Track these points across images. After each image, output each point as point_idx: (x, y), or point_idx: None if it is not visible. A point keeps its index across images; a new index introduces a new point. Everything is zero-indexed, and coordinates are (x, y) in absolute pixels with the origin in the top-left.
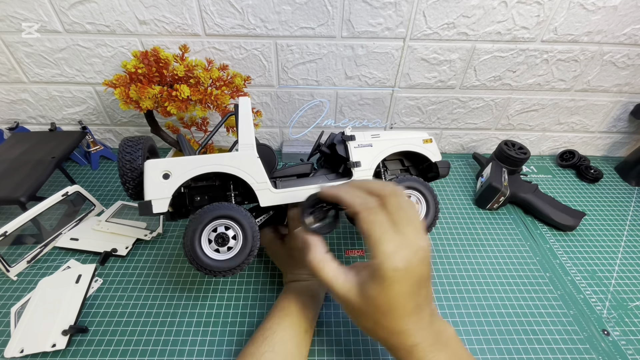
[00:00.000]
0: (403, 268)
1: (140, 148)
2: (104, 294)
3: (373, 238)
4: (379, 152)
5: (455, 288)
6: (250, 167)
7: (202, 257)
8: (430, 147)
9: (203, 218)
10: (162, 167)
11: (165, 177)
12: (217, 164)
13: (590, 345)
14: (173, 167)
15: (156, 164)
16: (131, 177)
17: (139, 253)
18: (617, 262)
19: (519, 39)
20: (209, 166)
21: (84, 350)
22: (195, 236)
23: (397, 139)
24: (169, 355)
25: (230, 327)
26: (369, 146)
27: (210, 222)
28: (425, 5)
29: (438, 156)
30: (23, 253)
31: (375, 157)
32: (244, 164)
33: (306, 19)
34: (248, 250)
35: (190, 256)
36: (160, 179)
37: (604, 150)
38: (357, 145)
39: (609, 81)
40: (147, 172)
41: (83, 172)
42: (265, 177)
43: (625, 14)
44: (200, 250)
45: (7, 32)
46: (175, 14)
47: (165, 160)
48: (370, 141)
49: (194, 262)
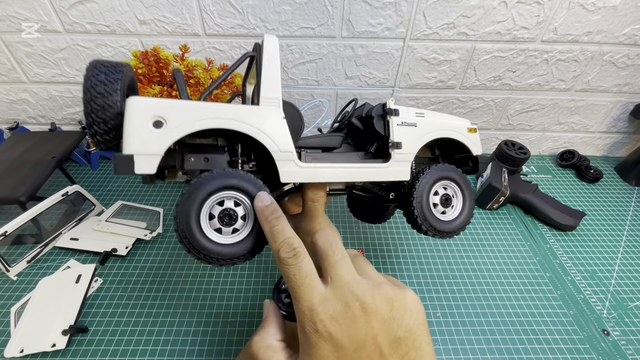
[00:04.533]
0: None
1: (119, 79)
2: (104, 294)
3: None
4: (423, 134)
5: (455, 288)
6: (273, 128)
7: (198, 236)
8: (474, 137)
9: (208, 186)
10: (154, 111)
11: (157, 125)
12: (232, 118)
13: (590, 345)
14: (170, 113)
15: (146, 104)
16: (102, 119)
17: (139, 253)
18: (617, 262)
19: (519, 39)
20: (221, 120)
21: (84, 350)
22: (192, 207)
23: (442, 122)
24: (169, 355)
25: (230, 327)
26: (413, 126)
27: (217, 192)
28: (425, 5)
29: (479, 149)
30: (23, 253)
31: (419, 139)
32: (266, 123)
33: (306, 19)
34: (258, 237)
35: (182, 232)
36: (149, 127)
37: (604, 150)
38: (401, 122)
39: (608, 81)
40: (131, 115)
41: (83, 172)
42: (291, 145)
43: (625, 14)
44: (197, 227)
45: (7, 32)
46: (175, 13)
47: (159, 102)
48: (414, 120)
49: (185, 241)
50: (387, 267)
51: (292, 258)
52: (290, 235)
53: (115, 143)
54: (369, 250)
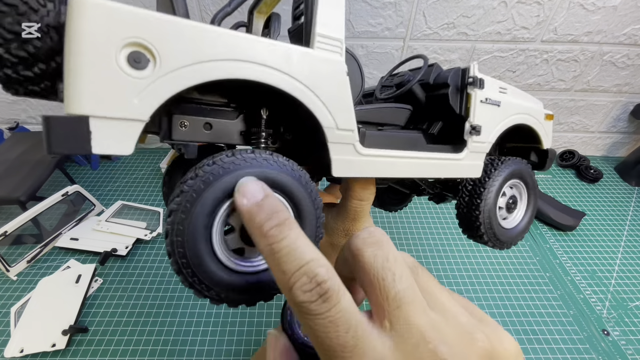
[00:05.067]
0: None
1: None
2: (104, 294)
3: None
4: (506, 117)
5: (455, 288)
6: (330, 88)
7: (207, 262)
8: (548, 127)
9: (227, 181)
10: (132, 31)
11: (136, 60)
12: (266, 64)
13: (590, 345)
14: (164, 39)
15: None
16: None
17: (139, 253)
18: (617, 262)
19: (519, 39)
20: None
21: (84, 350)
22: (199, 218)
23: (524, 105)
24: (169, 355)
25: (230, 327)
26: (496, 105)
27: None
28: (425, 5)
29: (550, 141)
30: (23, 253)
31: (500, 124)
32: (319, 78)
33: None
34: None
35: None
36: (120, 64)
37: (604, 150)
38: (485, 98)
39: (608, 81)
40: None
41: (83, 172)
42: (352, 119)
43: (625, 14)
44: (206, 248)
45: None
46: None
47: (144, 14)
48: (499, 97)
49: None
50: None
51: (319, 302)
52: (310, 259)
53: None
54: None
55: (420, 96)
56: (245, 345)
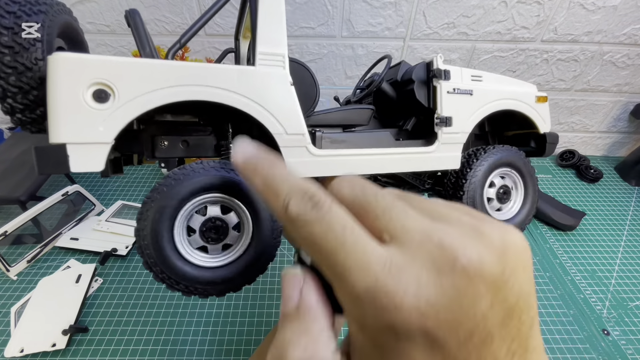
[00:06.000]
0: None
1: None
2: (104, 294)
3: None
4: (481, 105)
5: None
6: (276, 100)
7: (173, 260)
8: (542, 109)
9: (179, 190)
10: (94, 73)
11: (99, 96)
12: (212, 85)
13: (590, 345)
14: (119, 77)
15: (78, 62)
16: (18, 87)
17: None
18: (617, 262)
19: (519, 38)
20: (197, 88)
21: (84, 350)
22: (161, 223)
23: (505, 89)
24: (169, 355)
25: (230, 327)
26: (468, 94)
27: (192, 199)
28: (425, 5)
29: (548, 124)
30: (23, 253)
31: (475, 113)
32: (265, 92)
33: (306, 18)
34: (261, 251)
35: (149, 259)
36: (87, 100)
37: (604, 150)
38: (452, 89)
39: (609, 81)
40: (57, 81)
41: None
42: (301, 125)
43: (625, 13)
44: (170, 248)
45: None
46: (175, 13)
47: (100, 59)
48: (470, 85)
49: (156, 269)
50: None
51: (314, 210)
52: (300, 182)
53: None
54: None
55: (391, 94)
56: (245, 345)
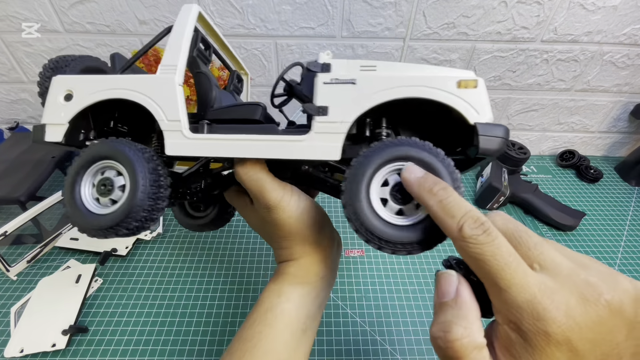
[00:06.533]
0: None
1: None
2: (104, 294)
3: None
4: (367, 94)
5: None
6: (163, 96)
7: (78, 204)
8: (470, 95)
9: (86, 155)
10: (67, 85)
11: (67, 98)
12: (125, 88)
13: None
14: (77, 86)
15: (64, 80)
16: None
17: (139, 253)
18: (617, 262)
19: (519, 39)
20: (114, 90)
21: (84, 350)
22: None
23: (406, 75)
24: (169, 355)
25: (231, 327)
26: (350, 83)
27: (93, 163)
28: (425, 5)
29: (484, 114)
30: (23, 253)
31: (358, 102)
32: (156, 90)
33: (306, 18)
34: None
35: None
36: (60, 100)
37: (604, 150)
38: (330, 79)
39: (608, 81)
40: (51, 89)
41: None
42: (180, 114)
43: (625, 14)
44: (78, 194)
45: (7, 32)
46: (176, 13)
47: (73, 77)
48: (354, 75)
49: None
50: (386, 267)
51: (484, 234)
52: (470, 208)
53: None
54: (369, 250)
55: (301, 94)
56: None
